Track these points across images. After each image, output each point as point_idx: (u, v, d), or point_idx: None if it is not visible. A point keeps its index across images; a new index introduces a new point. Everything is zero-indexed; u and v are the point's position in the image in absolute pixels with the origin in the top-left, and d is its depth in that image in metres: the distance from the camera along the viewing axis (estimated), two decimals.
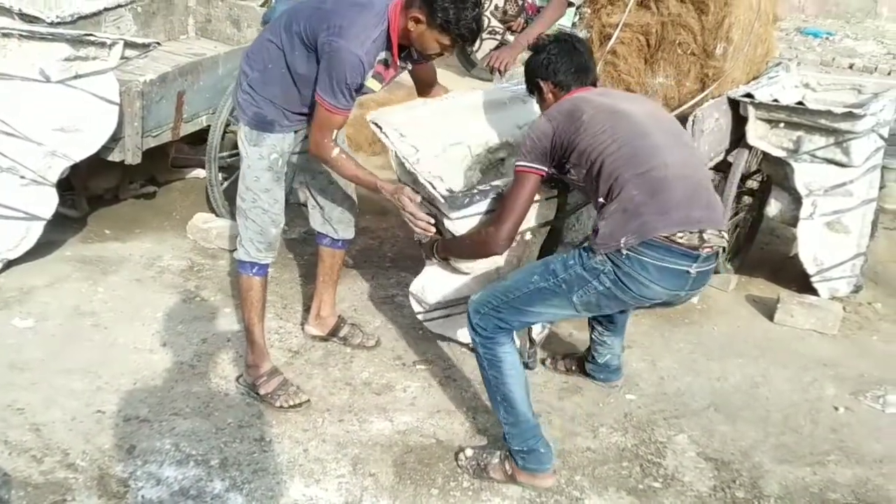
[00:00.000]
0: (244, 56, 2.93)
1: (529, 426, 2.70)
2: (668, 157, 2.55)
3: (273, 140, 2.90)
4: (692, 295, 2.70)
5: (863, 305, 4.17)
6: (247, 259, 3.04)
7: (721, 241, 2.55)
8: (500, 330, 2.67)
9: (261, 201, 2.97)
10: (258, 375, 3.05)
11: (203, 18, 5.15)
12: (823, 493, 2.86)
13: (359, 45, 2.64)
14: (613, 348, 3.22)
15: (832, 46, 10.72)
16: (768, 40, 4.34)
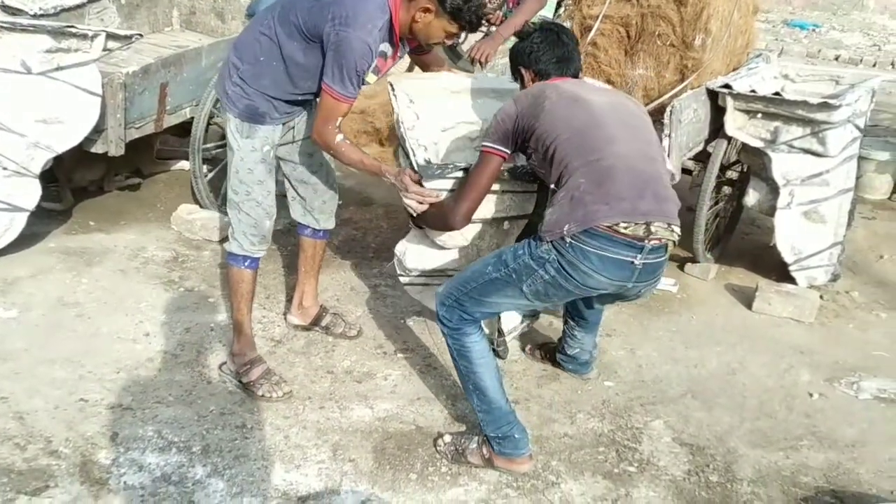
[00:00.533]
0: (232, 48, 2.93)
1: (503, 412, 2.75)
2: (621, 148, 2.56)
3: (265, 132, 2.93)
4: (643, 288, 2.66)
5: (840, 294, 4.24)
6: (239, 252, 3.06)
7: (670, 234, 2.55)
8: (464, 321, 2.71)
9: (254, 193, 2.99)
10: (243, 363, 3.09)
11: (187, 11, 5.17)
12: (795, 476, 2.91)
13: (367, 33, 2.67)
14: (583, 343, 3.23)
15: (819, 38, 10.81)
16: (749, 31, 4.38)
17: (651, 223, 2.50)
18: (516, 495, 2.69)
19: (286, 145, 3.12)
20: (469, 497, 2.67)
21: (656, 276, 2.64)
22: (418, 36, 2.82)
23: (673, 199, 2.62)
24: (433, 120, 3.04)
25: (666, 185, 2.63)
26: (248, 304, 3.12)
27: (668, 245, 2.59)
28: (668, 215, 2.56)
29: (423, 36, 2.81)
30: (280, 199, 4.67)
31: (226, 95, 2.93)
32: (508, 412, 2.75)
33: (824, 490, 2.85)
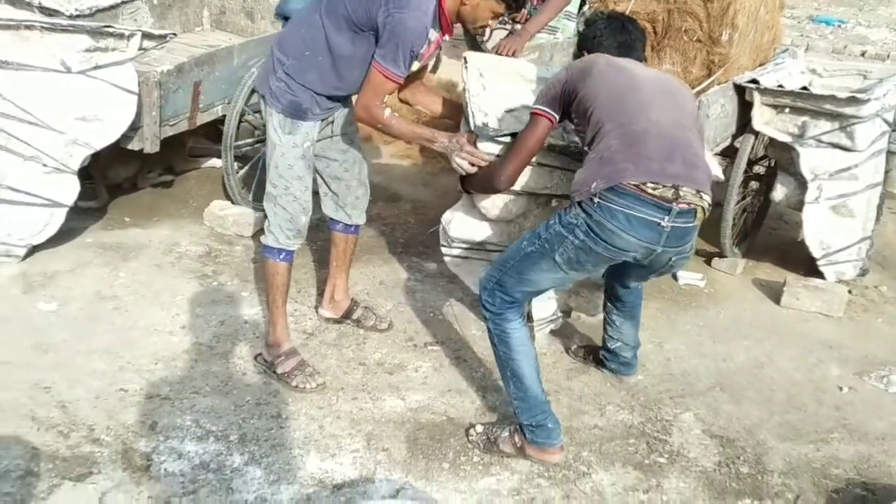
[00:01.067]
0: (276, 44, 2.98)
1: (538, 401, 2.78)
2: (654, 114, 2.60)
3: (306, 128, 2.99)
4: (674, 256, 2.65)
5: (869, 288, 4.23)
6: (275, 245, 3.12)
7: (699, 200, 2.55)
8: (506, 304, 2.75)
9: (293, 188, 3.05)
10: (277, 354, 3.15)
11: (217, 10, 5.24)
12: (826, 468, 2.92)
13: (422, 14, 2.73)
14: (623, 334, 3.20)
15: (844, 34, 10.72)
16: (775, 27, 4.39)
17: (679, 187, 2.52)
18: (548, 485, 2.73)
19: (323, 141, 3.17)
20: (501, 486, 2.71)
21: (685, 242, 2.63)
22: (465, 18, 2.87)
23: (703, 168, 2.63)
24: (497, 95, 3.11)
25: (697, 154, 2.64)
26: (283, 296, 3.19)
27: (696, 211, 2.57)
28: (698, 182, 2.57)
29: (471, 18, 2.86)
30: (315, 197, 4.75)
31: (269, 91, 2.96)
32: (543, 402, 2.79)
33: (855, 482, 2.87)
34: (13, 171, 3.53)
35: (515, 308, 2.77)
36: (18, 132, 3.48)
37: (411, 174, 5.29)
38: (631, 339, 3.23)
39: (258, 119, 4.48)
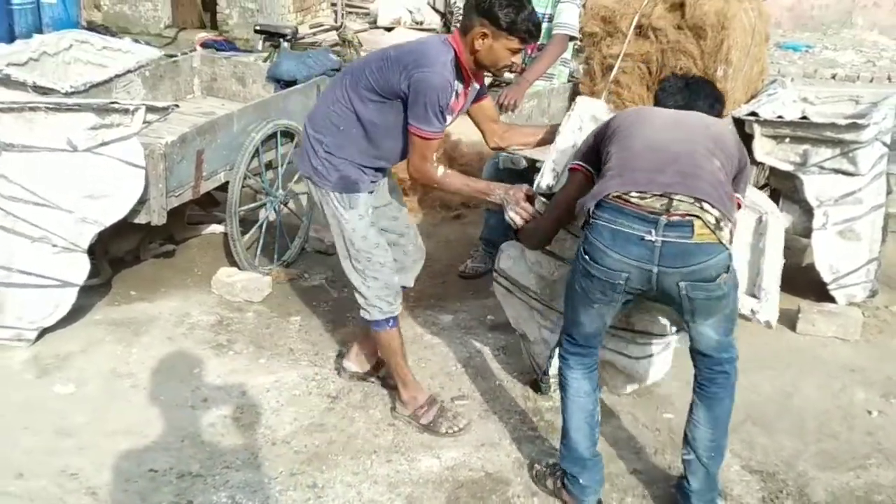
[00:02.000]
0: (308, 124, 3.04)
1: (577, 454, 2.74)
2: (654, 134, 2.57)
3: (364, 198, 3.02)
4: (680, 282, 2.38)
5: (880, 309, 4.26)
6: (381, 317, 3.13)
7: (698, 210, 2.37)
8: (571, 349, 2.72)
9: (375, 257, 3.06)
10: (418, 406, 3.19)
11: (208, 77, 5.27)
12: (869, 495, 2.91)
13: (442, 66, 2.77)
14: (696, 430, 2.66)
15: (813, 59, 10.96)
16: (762, 59, 4.47)
17: (673, 196, 2.38)
18: None
19: (375, 210, 3.16)
20: None
21: (689, 263, 2.37)
22: (485, 64, 2.88)
23: (708, 179, 2.43)
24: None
25: (698, 165, 2.45)
26: (404, 356, 3.25)
27: (693, 223, 2.35)
28: (697, 190, 2.39)
29: (490, 62, 2.86)
30: (316, 256, 4.74)
31: (314, 171, 3.00)
32: (584, 458, 2.73)
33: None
34: (22, 253, 3.48)
35: (579, 356, 2.73)
36: (26, 214, 3.45)
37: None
38: (703, 447, 2.64)
39: (258, 182, 4.48)
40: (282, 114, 4.50)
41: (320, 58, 5.03)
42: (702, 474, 2.67)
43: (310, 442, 3.11)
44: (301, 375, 3.55)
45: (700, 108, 2.80)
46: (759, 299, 2.87)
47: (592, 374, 2.76)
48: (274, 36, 6.30)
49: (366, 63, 2.94)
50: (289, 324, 4.00)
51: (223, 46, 8.87)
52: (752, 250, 3.05)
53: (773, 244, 3.03)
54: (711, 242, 2.39)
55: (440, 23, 9.29)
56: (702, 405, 2.65)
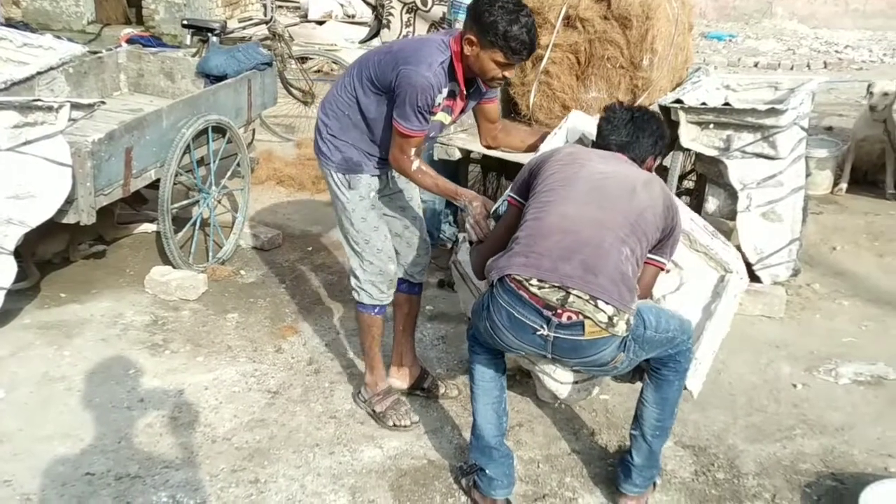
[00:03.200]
0: (321, 108, 3.05)
1: (484, 443, 2.74)
2: (571, 209, 2.46)
3: (366, 180, 3.02)
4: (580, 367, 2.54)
5: (803, 287, 4.43)
6: (369, 302, 3.15)
7: (593, 310, 2.33)
8: (476, 340, 2.73)
9: (373, 240, 3.06)
10: (375, 393, 3.23)
11: (135, 74, 5.15)
12: (795, 464, 3.04)
13: (426, 68, 2.71)
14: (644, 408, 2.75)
15: (736, 48, 11.28)
16: (686, 48, 4.60)
17: (570, 291, 2.34)
18: None
19: (382, 198, 3.15)
20: None
21: (585, 356, 2.42)
22: (474, 71, 2.78)
23: (609, 274, 2.37)
24: None
25: (604, 257, 2.39)
26: (379, 345, 3.25)
27: (584, 323, 2.33)
28: (595, 289, 2.34)
29: (477, 70, 2.76)
30: (255, 252, 4.70)
31: (320, 153, 3.04)
32: (491, 447, 2.73)
33: (824, 474, 2.99)
34: None
35: (479, 345, 2.73)
36: None
37: None
38: (649, 426, 2.72)
39: (191, 179, 4.42)
40: (212, 109, 4.44)
41: (250, 52, 4.96)
42: (644, 451, 2.74)
43: (251, 438, 3.10)
44: (240, 372, 3.53)
45: (642, 146, 2.72)
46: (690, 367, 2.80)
47: (497, 360, 2.74)
48: (202, 31, 6.19)
49: (372, 55, 2.94)
50: (226, 321, 3.96)
51: (150, 42, 8.66)
52: (703, 311, 3.03)
53: (724, 308, 3.01)
54: (603, 338, 2.39)
55: (372, 16, 9.25)
56: (651, 386, 2.71)
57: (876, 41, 11.55)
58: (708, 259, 3.15)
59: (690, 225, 3.13)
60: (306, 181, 5.66)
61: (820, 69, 10.11)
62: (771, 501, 2.86)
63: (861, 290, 4.43)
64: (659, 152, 2.82)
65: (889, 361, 3.70)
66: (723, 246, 3.18)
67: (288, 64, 6.67)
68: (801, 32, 12.16)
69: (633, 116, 2.75)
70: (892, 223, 5.27)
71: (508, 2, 2.64)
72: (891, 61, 10.57)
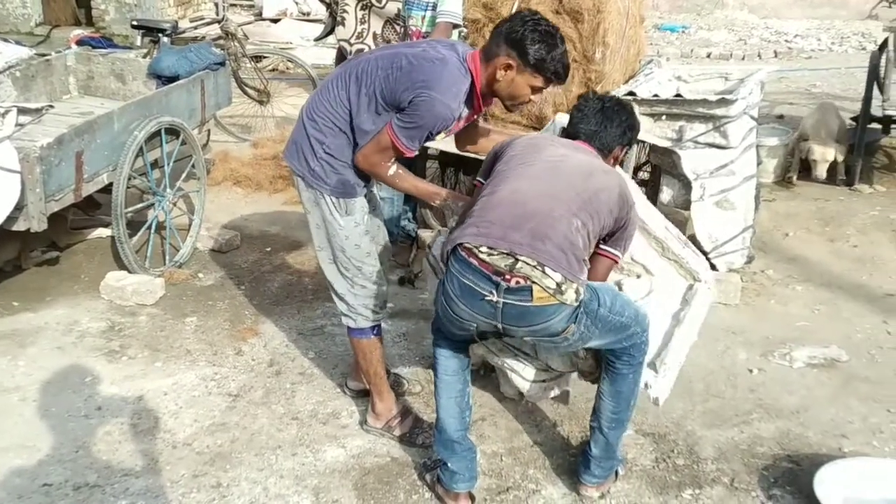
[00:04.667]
0: (308, 121, 2.82)
1: (447, 437, 2.75)
2: (523, 184, 2.51)
3: (361, 203, 2.91)
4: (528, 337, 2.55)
5: (757, 274, 4.51)
6: (367, 325, 3.04)
7: (539, 276, 2.35)
8: (439, 331, 2.74)
9: (366, 267, 2.96)
10: (392, 416, 3.11)
11: (85, 76, 5.07)
12: (752, 448, 3.10)
13: (452, 97, 2.61)
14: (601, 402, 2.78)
15: (689, 39, 11.43)
16: (638, 41, 4.66)
17: (518, 257, 2.36)
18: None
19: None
20: None
21: (533, 324, 2.43)
22: (502, 96, 2.72)
23: (557, 241, 2.40)
24: None
25: (552, 226, 2.42)
26: (383, 367, 3.14)
27: (532, 288, 2.36)
28: (543, 255, 2.37)
29: (507, 94, 2.69)
30: (211, 254, 4.65)
31: (311, 172, 2.82)
32: (454, 441, 2.74)
33: (780, 457, 3.05)
34: None
35: (443, 338, 2.75)
36: None
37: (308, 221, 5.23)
38: (605, 418, 2.75)
39: (145, 182, 4.36)
40: (165, 110, 4.38)
41: (202, 52, 4.91)
42: (602, 442, 2.77)
43: (212, 442, 3.07)
44: (199, 376, 3.49)
45: (610, 136, 2.76)
46: (657, 373, 2.84)
47: (459, 353, 2.76)
48: (153, 31, 6.10)
49: (374, 66, 2.71)
50: (184, 325, 3.92)
51: (100, 43, 8.50)
52: (672, 318, 3.03)
53: (693, 317, 3.03)
54: (551, 304, 2.39)
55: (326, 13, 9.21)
56: (607, 379, 2.74)
57: (824, 30, 11.78)
58: (679, 267, 3.15)
59: (664, 233, 3.15)
60: (263, 181, 5.62)
61: (770, 58, 10.29)
62: (730, 485, 2.91)
63: (813, 275, 4.52)
64: (628, 142, 2.85)
65: (841, 344, 3.79)
66: (694, 256, 3.20)
67: (242, 63, 6.61)
68: (752, 22, 12.35)
69: (603, 106, 2.79)
70: (841, 209, 5.39)
71: (548, 26, 2.63)
72: (839, 49, 10.79)
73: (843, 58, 10.23)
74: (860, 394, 3.44)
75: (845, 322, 4.05)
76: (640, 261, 3.12)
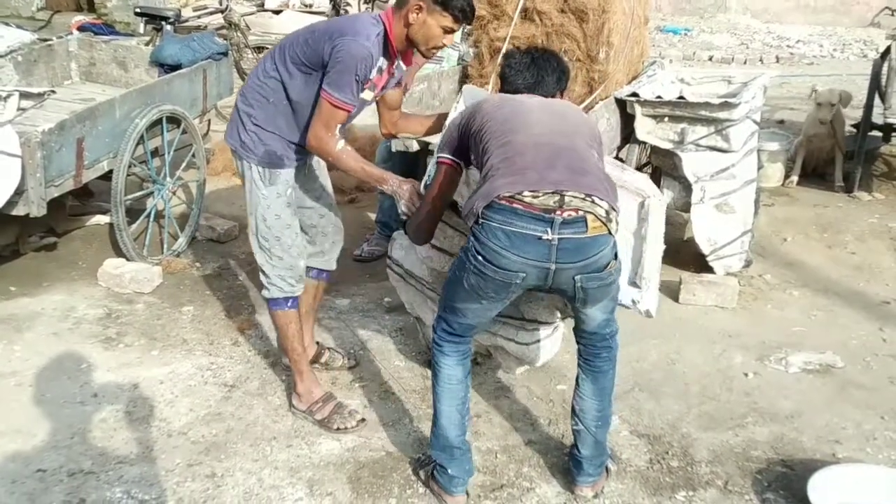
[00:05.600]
0: (240, 97, 3.00)
1: (447, 444, 2.74)
2: (535, 128, 2.53)
3: (286, 175, 3.00)
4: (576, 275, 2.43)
5: (754, 278, 4.52)
6: (281, 295, 3.10)
7: (590, 206, 2.38)
8: (446, 336, 2.72)
9: (284, 238, 3.03)
10: (312, 402, 3.14)
11: (87, 62, 5.06)
12: (747, 451, 3.10)
13: (365, 38, 2.73)
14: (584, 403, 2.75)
15: (691, 41, 11.44)
16: (642, 41, 4.65)
17: (564, 192, 2.36)
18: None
19: (297, 189, 3.12)
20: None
21: (586, 257, 2.42)
22: (416, 40, 2.82)
23: (595, 173, 2.46)
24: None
25: (584, 159, 2.48)
26: (301, 343, 3.17)
27: (587, 218, 2.38)
28: (587, 186, 2.40)
29: (421, 38, 2.80)
30: (209, 244, 4.65)
31: (241, 143, 2.97)
32: (453, 447, 2.73)
33: (774, 461, 3.05)
34: None
35: (454, 343, 2.73)
36: None
37: None
38: (591, 417, 2.74)
39: (145, 170, 4.36)
40: (167, 99, 4.38)
41: (205, 41, 4.90)
42: (591, 442, 2.76)
43: (207, 432, 3.07)
44: (196, 365, 3.49)
45: (548, 84, 2.83)
46: (640, 288, 2.90)
47: (465, 361, 2.75)
48: (156, 19, 6.11)
49: (296, 36, 2.90)
50: (181, 314, 3.92)
51: (102, 30, 8.47)
52: (634, 237, 3.05)
53: (654, 230, 3.05)
54: (603, 234, 2.43)
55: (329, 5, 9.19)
56: (587, 379, 2.73)
57: (826, 36, 11.79)
58: (625, 192, 3.15)
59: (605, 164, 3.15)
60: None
61: (772, 63, 10.31)
62: (723, 488, 2.91)
63: (810, 281, 4.53)
64: (564, 87, 2.92)
65: (837, 350, 3.79)
66: (633, 177, 3.18)
67: (244, 54, 6.61)
68: (754, 27, 12.36)
69: (533, 59, 2.87)
70: (840, 215, 5.40)
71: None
72: (840, 56, 10.81)
73: (844, 64, 10.25)
74: (855, 400, 3.45)
75: (841, 328, 4.06)
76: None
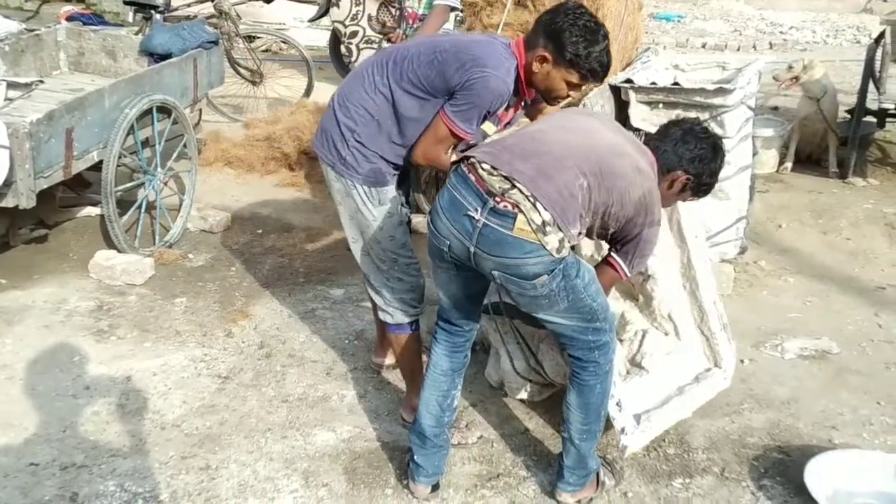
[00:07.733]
0: (339, 109, 2.76)
1: (420, 429, 2.71)
2: (551, 133, 2.48)
3: (393, 192, 2.83)
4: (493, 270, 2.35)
5: (750, 264, 4.51)
6: (405, 320, 2.94)
7: (528, 208, 2.27)
8: (440, 320, 2.71)
9: (401, 259, 2.87)
10: None
11: (75, 52, 5.00)
12: (743, 438, 3.10)
13: (505, 73, 2.56)
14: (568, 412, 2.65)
15: (684, 28, 11.39)
16: (636, 28, 4.63)
17: (516, 184, 2.29)
18: (492, 495, 2.76)
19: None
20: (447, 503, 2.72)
21: (506, 256, 2.31)
22: (538, 87, 2.66)
23: (558, 187, 2.31)
24: None
25: (558, 171, 2.33)
26: (421, 361, 3.04)
27: (515, 217, 2.28)
28: (540, 192, 2.29)
29: (543, 87, 2.64)
30: (200, 234, 4.61)
31: (341, 160, 2.75)
32: (426, 436, 2.69)
33: (771, 447, 3.05)
34: None
35: (445, 332, 2.71)
36: None
37: (300, 203, 5.20)
38: (575, 430, 2.63)
39: (135, 161, 4.31)
40: (157, 89, 4.33)
41: (195, 30, 4.84)
42: (574, 454, 2.66)
43: (201, 424, 3.05)
44: (189, 357, 3.47)
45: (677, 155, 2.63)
46: (638, 426, 2.82)
47: (455, 355, 2.72)
48: (145, 8, 6.04)
49: (414, 54, 2.65)
50: (174, 306, 3.89)
51: (91, 20, 8.40)
52: (677, 389, 3.02)
53: (695, 396, 3.01)
54: (530, 241, 2.29)
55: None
56: (573, 391, 2.61)
57: (819, 22, 11.75)
58: (707, 346, 3.14)
59: (710, 307, 3.11)
60: (255, 162, 5.56)
61: (766, 50, 10.27)
62: (720, 475, 2.91)
63: (805, 267, 4.53)
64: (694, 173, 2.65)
65: (832, 336, 3.79)
66: (726, 341, 3.16)
67: (235, 43, 6.54)
68: (748, 14, 12.31)
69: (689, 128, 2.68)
70: (834, 201, 5.39)
71: (589, 21, 2.55)
72: (833, 42, 10.78)
73: (837, 50, 10.22)
74: (851, 386, 3.45)
75: (837, 314, 4.05)
76: (675, 320, 3.11)
